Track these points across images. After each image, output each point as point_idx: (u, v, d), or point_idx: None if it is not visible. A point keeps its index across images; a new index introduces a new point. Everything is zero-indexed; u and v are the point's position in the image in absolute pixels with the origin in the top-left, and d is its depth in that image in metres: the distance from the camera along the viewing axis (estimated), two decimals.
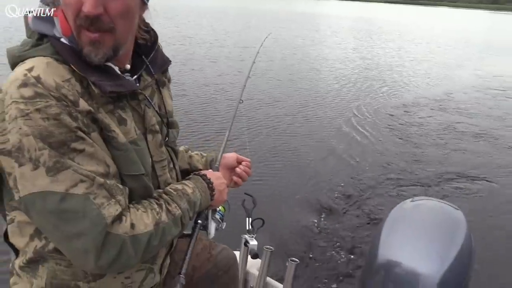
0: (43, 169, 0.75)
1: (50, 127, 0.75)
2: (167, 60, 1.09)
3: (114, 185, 0.83)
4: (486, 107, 8.28)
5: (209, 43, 13.70)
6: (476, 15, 75.79)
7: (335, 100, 7.99)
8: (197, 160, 1.33)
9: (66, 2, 0.80)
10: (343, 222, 3.43)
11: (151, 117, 0.98)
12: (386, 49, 16.39)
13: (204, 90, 7.56)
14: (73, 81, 0.80)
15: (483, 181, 4.50)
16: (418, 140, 5.88)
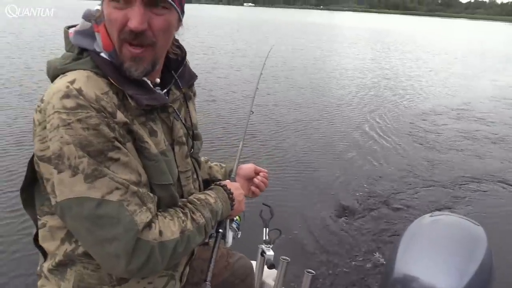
0: (81, 176, 0.78)
1: (89, 136, 0.78)
2: (193, 75, 1.13)
3: (146, 193, 0.86)
4: (506, 116, 8.18)
5: (230, 53, 13.97)
6: (495, 27, 74.75)
7: (354, 109, 8.00)
8: (217, 171, 1.37)
9: (111, 18, 0.84)
10: (361, 233, 3.37)
11: (178, 129, 1.01)
12: (404, 59, 16.42)
13: (217, 101, 7.66)
14: (111, 94, 0.84)
15: (508, 195, 4.38)
16: (440, 149, 5.74)
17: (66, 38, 0.93)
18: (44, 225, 0.93)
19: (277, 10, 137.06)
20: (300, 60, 13.88)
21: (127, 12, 0.83)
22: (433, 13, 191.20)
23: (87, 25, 0.90)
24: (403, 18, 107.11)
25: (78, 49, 0.89)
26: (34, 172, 0.89)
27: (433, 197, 4.10)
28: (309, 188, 4.23)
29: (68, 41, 0.91)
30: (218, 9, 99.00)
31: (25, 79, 7.94)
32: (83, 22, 0.91)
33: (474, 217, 3.41)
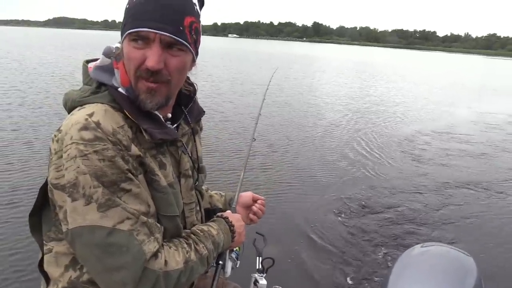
0: (94, 205, 0.81)
1: (105, 167, 0.81)
2: (201, 110, 1.17)
3: (154, 223, 0.89)
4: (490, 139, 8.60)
5: (228, 80, 14.31)
6: (470, 60, 78.13)
7: (345, 134, 8.27)
8: (217, 200, 1.40)
9: (130, 56, 0.89)
10: (352, 263, 3.33)
11: (185, 163, 1.05)
12: (389, 88, 17.33)
13: (219, 128, 7.79)
14: (126, 128, 0.88)
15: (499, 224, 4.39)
16: (430, 177, 5.80)
17: (84, 72, 0.97)
18: (50, 251, 0.94)
19: (262, 41, 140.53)
20: (295, 88, 14.46)
21: (145, 51, 0.87)
22: (412, 46, 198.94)
23: (107, 61, 0.95)
24: (384, 50, 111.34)
25: (97, 83, 0.93)
26: (44, 198, 0.92)
27: (424, 228, 4.10)
28: (303, 215, 4.22)
29: (87, 75, 0.96)
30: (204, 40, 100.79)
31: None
32: (103, 58, 0.95)
33: (465, 248, 3.45)
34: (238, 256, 1.27)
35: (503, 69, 48.57)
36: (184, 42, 0.89)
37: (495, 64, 64.14)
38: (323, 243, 3.65)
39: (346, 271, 3.22)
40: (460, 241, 3.82)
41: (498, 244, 3.87)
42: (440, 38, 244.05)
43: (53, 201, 0.88)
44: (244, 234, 1.23)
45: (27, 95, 9.25)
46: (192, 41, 0.92)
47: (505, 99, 16.78)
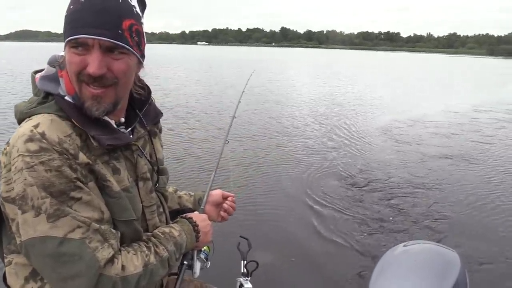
0: (44, 216, 0.82)
1: (52, 178, 0.82)
2: (159, 112, 1.16)
3: (108, 230, 0.89)
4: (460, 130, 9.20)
5: (203, 85, 14.38)
6: (433, 58, 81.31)
7: (318, 130, 8.50)
8: (186, 200, 1.40)
9: (71, 62, 0.88)
10: (336, 262, 3.33)
11: (142, 166, 1.05)
12: (362, 86, 18.59)
13: (192, 130, 7.86)
14: (74, 136, 0.88)
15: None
16: (412, 171, 5.88)
17: (33, 83, 0.97)
18: (10, 263, 0.94)
19: (232, 47, 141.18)
20: (269, 91, 14.90)
21: (86, 57, 0.87)
22: (378, 47, 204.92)
23: (51, 71, 0.95)
24: (351, 52, 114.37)
25: (44, 93, 0.93)
26: (0, 212, 0.92)
27: (407, 226, 4.08)
28: (283, 216, 4.22)
29: (35, 86, 0.96)
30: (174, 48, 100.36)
31: None
32: (48, 68, 0.95)
33: (451, 244, 3.49)
34: (208, 256, 1.26)
35: (464, 66, 50.89)
36: (125, 45, 0.89)
37: (457, 61, 67.03)
38: (306, 244, 3.64)
39: (330, 270, 3.22)
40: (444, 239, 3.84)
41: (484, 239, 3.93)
42: (404, 39, 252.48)
43: (6, 215, 0.89)
44: (211, 234, 1.22)
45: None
46: (134, 43, 0.91)
47: (466, 93, 18.06)
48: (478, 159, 6.70)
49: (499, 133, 9.05)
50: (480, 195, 5.03)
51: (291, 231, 3.90)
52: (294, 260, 3.36)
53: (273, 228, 3.95)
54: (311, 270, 3.24)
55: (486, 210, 4.57)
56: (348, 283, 3.07)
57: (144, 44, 0.97)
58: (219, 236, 3.38)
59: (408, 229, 4.02)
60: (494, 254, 3.56)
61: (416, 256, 1.54)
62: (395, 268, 1.51)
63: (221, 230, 3.50)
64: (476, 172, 6.01)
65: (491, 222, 4.26)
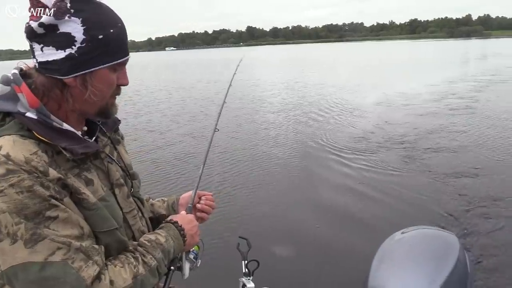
0: (21, 242, 0.78)
1: (25, 199, 0.79)
2: (116, 120, 1.16)
3: (90, 246, 0.87)
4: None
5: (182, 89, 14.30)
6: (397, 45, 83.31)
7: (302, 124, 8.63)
8: (159, 206, 1.36)
9: (112, 81, 0.96)
10: (336, 254, 3.36)
11: (114, 172, 1.03)
12: (333, 75, 19.76)
13: (176, 134, 8.01)
14: (40, 153, 0.85)
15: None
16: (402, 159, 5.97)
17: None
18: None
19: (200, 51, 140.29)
20: (244, 88, 15.20)
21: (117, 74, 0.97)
22: (343, 39, 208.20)
23: (6, 89, 0.90)
24: (318, 46, 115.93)
25: (0, 115, 0.89)
26: None
27: (406, 213, 4.10)
28: (281, 215, 4.23)
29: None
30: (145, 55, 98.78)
31: None
32: (2, 87, 0.91)
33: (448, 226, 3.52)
34: (197, 255, 1.24)
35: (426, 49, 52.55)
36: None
37: (419, 46, 68.99)
38: (306, 240, 3.66)
39: (331, 262, 3.25)
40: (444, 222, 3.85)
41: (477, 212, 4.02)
42: (368, 28, 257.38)
43: None
44: (198, 234, 1.21)
45: None
46: None
47: (431, 74, 19.06)
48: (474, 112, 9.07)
49: (478, 95, 11.47)
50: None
51: (291, 227, 3.91)
52: (296, 256, 3.37)
53: (272, 225, 3.96)
54: (314, 264, 3.25)
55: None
56: (349, 273, 3.08)
57: None
58: (218, 238, 3.41)
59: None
60: None
61: (414, 242, 1.57)
62: (394, 255, 1.54)
63: (220, 232, 3.50)
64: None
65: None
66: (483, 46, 55.15)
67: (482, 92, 11.99)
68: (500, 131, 7.29)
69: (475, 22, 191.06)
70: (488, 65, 22.08)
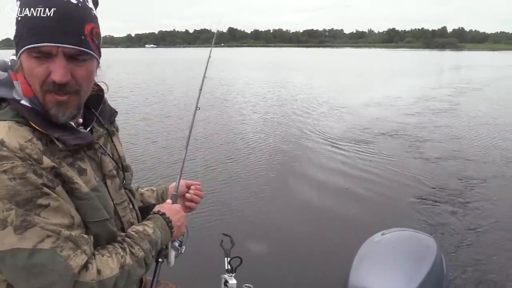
0: (10, 228, 0.79)
1: (17, 186, 0.79)
2: (113, 111, 1.17)
3: (79, 235, 0.88)
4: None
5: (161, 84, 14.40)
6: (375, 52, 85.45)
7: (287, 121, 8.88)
8: (149, 196, 1.38)
9: (33, 73, 0.85)
10: (319, 256, 3.40)
11: (107, 164, 1.04)
12: (315, 79, 20.54)
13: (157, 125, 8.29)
14: (35, 140, 0.85)
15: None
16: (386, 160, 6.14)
17: None
18: None
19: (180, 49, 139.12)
20: (223, 89, 15.61)
21: (48, 65, 0.85)
22: (323, 44, 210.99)
23: (3, 75, 0.91)
24: (299, 50, 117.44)
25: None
26: None
27: (387, 215, 4.20)
28: (263, 212, 4.26)
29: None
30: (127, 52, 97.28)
31: None
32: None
33: (428, 230, 3.64)
34: (182, 242, 1.25)
35: (403, 58, 54.12)
36: (89, 51, 0.88)
37: (396, 55, 70.93)
38: (289, 238, 3.70)
39: (312, 263, 3.29)
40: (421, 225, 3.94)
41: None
42: (348, 35, 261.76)
43: None
44: (184, 225, 1.22)
45: None
46: (95, 47, 0.91)
47: (405, 81, 20.41)
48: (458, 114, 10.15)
49: (456, 99, 12.91)
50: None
51: (274, 225, 3.94)
52: (278, 254, 3.41)
53: (256, 223, 3.99)
54: (296, 263, 3.28)
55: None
56: (330, 272, 3.12)
57: (101, 44, 0.97)
58: (201, 235, 3.37)
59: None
60: None
61: (393, 243, 1.60)
62: (374, 256, 1.57)
63: (203, 228, 3.49)
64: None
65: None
66: (457, 57, 57.47)
67: (460, 97, 13.53)
68: (476, 129, 8.33)
69: (450, 34, 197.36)
70: (464, 74, 24.00)
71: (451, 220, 4.08)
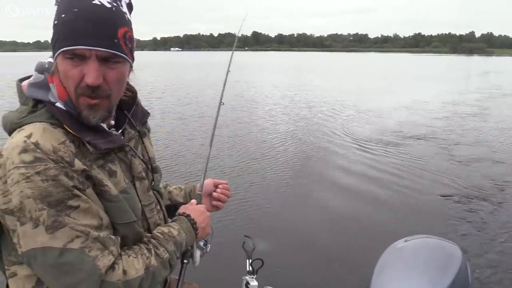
0: (42, 227, 0.82)
1: (49, 187, 0.82)
2: (146, 113, 1.18)
3: (107, 237, 0.90)
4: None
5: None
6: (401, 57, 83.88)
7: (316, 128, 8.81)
8: (177, 194, 1.39)
9: (68, 75, 0.88)
10: (340, 261, 3.36)
11: (137, 166, 1.06)
12: (347, 84, 20.37)
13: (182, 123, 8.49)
14: (68, 143, 0.88)
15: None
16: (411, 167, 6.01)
17: (19, 91, 0.95)
18: (13, 275, 0.94)
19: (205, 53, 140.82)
20: (253, 89, 15.74)
21: (82, 68, 0.87)
22: (348, 49, 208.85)
23: (40, 77, 0.93)
24: (324, 54, 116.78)
25: (33, 102, 0.92)
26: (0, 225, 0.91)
27: (409, 222, 4.12)
28: (288, 214, 4.25)
29: (22, 94, 0.94)
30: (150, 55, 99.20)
31: None
32: (36, 74, 0.94)
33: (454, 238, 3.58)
34: (207, 242, 1.26)
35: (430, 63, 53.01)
36: (121, 54, 0.90)
37: (422, 59, 69.47)
38: (311, 242, 3.68)
39: (333, 269, 3.26)
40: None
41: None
42: (372, 39, 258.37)
43: (7, 226, 0.89)
44: (209, 225, 1.23)
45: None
46: (128, 50, 0.93)
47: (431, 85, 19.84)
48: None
49: (487, 104, 12.91)
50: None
51: (297, 229, 3.92)
52: (300, 258, 3.39)
53: (278, 226, 3.97)
54: (317, 268, 3.27)
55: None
56: (351, 278, 3.09)
57: (134, 48, 0.98)
58: (223, 236, 3.41)
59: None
60: None
61: (417, 251, 1.57)
62: (396, 263, 1.54)
63: (226, 230, 3.53)
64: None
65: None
66: (486, 63, 55.78)
67: (488, 102, 13.43)
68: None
69: (478, 39, 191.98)
70: (493, 80, 23.40)
71: (478, 227, 3.98)
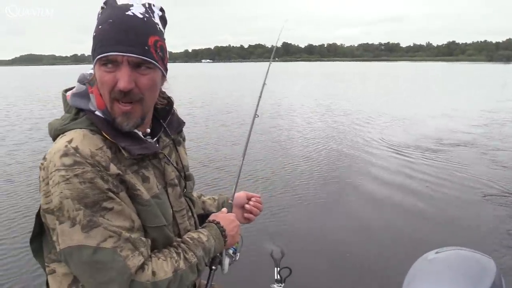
0: (78, 226, 0.87)
1: (86, 189, 0.87)
2: (181, 122, 1.22)
3: (138, 238, 0.94)
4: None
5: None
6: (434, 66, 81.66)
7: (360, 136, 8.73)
8: (210, 204, 1.43)
9: (103, 80, 0.94)
10: (370, 272, 3.30)
11: (170, 173, 1.09)
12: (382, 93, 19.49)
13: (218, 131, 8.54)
14: (105, 148, 0.94)
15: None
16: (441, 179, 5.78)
17: (64, 101, 1.03)
18: (52, 272, 1.00)
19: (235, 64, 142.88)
20: (287, 98, 15.76)
21: (116, 74, 0.92)
22: (379, 58, 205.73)
23: (82, 88, 1.01)
24: (354, 64, 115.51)
25: (75, 110, 0.99)
26: (41, 224, 0.98)
27: (442, 233, 3.99)
28: (318, 224, 4.22)
29: (66, 103, 1.02)
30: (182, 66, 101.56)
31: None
32: (79, 85, 1.01)
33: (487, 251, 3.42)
34: (237, 250, 1.27)
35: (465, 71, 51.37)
36: (151, 60, 0.94)
37: (457, 67, 67.38)
38: (339, 252, 3.63)
39: (362, 279, 3.20)
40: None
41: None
42: (404, 48, 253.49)
43: (47, 225, 0.95)
44: (239, 234, 1.25)
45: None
46: (158, 58, 0.96)
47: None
48: None
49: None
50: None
51: (326, 238, 3.89)
52: (329, 267, 3.36)
53: (307, 235, 3.95)
54: (346, 278, 3.22)
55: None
56: (381, 287, 3.04)
57: (167, 59, 1.02)
58: (253, 244, 3.44)
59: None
60: None
61: (449, 263, 1.54)
62: (427, 275, 1.52)
63: (255, 237, 3.55)
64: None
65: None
66: None
67: None
68: None
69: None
70: None
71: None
